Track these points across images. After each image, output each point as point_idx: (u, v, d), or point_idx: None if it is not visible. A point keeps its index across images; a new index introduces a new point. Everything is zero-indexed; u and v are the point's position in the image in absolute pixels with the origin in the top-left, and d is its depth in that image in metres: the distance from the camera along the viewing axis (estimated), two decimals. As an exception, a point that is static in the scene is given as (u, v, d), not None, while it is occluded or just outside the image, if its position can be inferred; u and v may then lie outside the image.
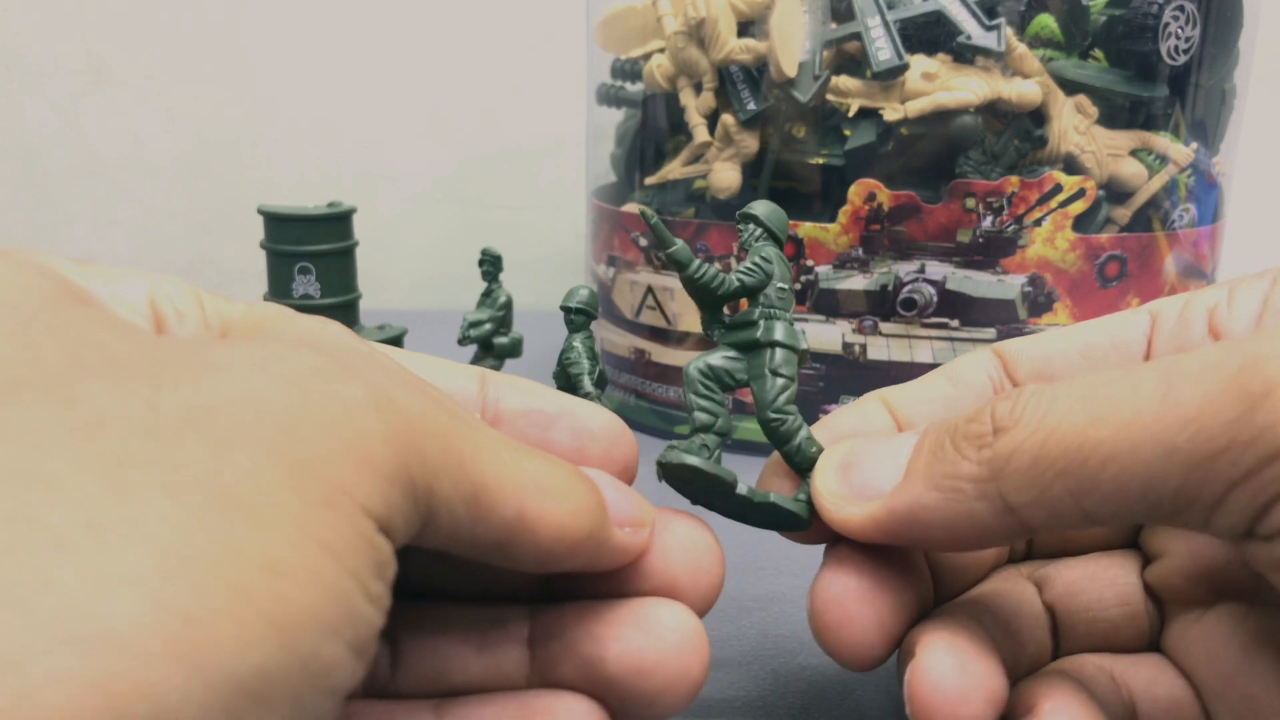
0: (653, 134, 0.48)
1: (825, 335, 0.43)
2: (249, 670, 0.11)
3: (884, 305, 0.42)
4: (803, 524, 0.23)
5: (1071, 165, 0.42)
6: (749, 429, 0.45)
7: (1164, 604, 0.24)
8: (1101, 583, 0.24)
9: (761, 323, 0.23)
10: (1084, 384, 0.18)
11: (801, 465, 0.23)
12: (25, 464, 0.11)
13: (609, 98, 0.53)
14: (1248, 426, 0.15)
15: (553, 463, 0.18)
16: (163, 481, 0.12)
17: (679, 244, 0.22)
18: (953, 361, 0.25)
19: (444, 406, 0.17)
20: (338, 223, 0.50)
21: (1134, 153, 0.44)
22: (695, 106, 0.45)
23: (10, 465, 0.11)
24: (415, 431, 0.15)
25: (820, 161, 0.43)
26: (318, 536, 0.13)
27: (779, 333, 0.23)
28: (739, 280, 0.23)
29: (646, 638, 0.19)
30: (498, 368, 0.45)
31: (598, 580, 0.21)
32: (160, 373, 0.13)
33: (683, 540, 0.21)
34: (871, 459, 0.21)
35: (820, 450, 0.23)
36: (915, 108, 0.41)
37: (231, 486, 0.12)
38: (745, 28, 0.44)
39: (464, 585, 0.22)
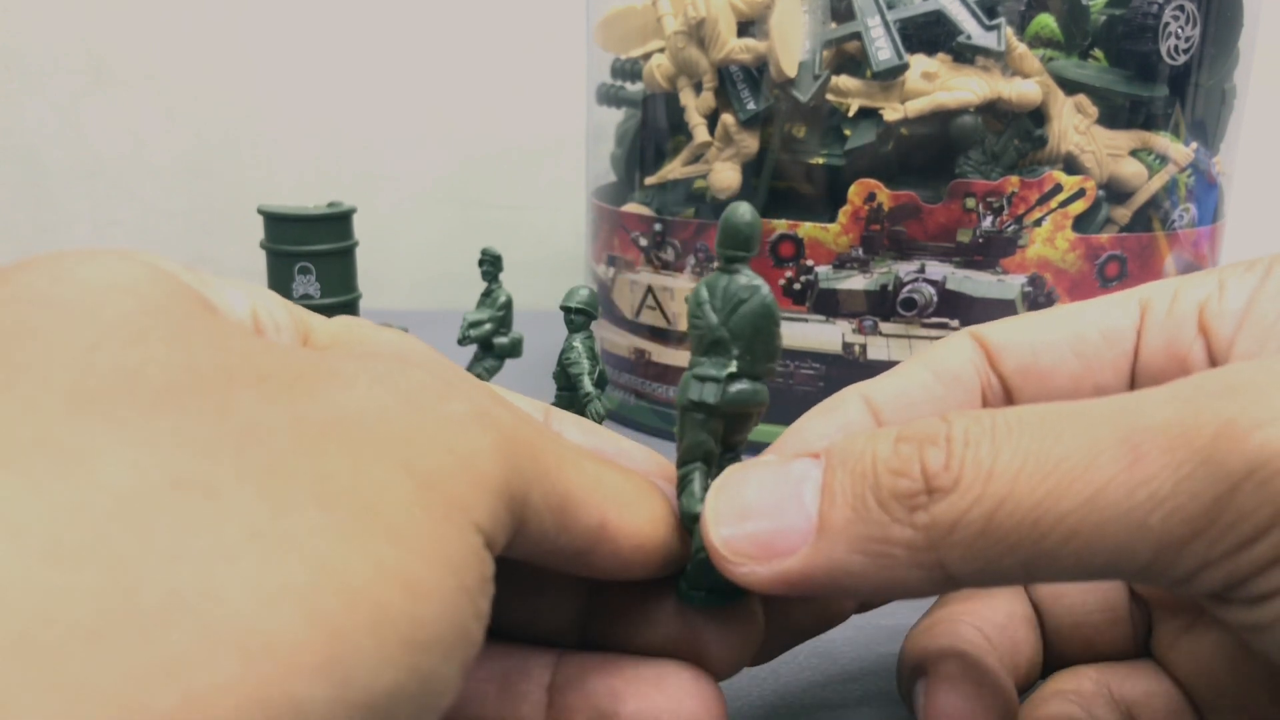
0: (653, 134, 0.48)
1: (825, 335, 0.43)
2: (383, 689, 0.11)
3: (884, 305, 0.42)
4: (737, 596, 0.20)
5: (1071, 165, 0.42)
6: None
7: (1151, 609, 0.24)
8: (1086, 588, 0.24)
9: None
10: (1030, 432, 0.16)
11: (687, 525, 0.20)
12: (189, 471, 0.12)
13: (609, 98, 0.53)
14: (1228, 509, 0.14)
15: (628, 474, 0.19)
16: (312, 492, 0.12)
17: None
18: (931, 350, 0.23)
19: (527, 420, 0.17)
20: (338, 223, 0.50)
21: (1134, 153, 0.44)
22: (695, 106, 0.45)
23: (177, 471, 0.12)
24: (512, 445, 0.15)
25: (820, 161, 0.43)
26: (444, 554, 0.13)
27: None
28: None
29: (665, 700, 0.19)
30: (498, 368, 0.45)
31: (630, 632, 0.21)
32: (297, 384, 0.14)
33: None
34: (772, 506, 0.18)
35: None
36: (915, 108, 0.41)
37: (372, 500, 0.13)
38: (745, 28, 0.44)
39: (501, 621, 0.21)
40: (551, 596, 0.21)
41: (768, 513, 0.18)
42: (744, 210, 0.19)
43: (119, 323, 0.14)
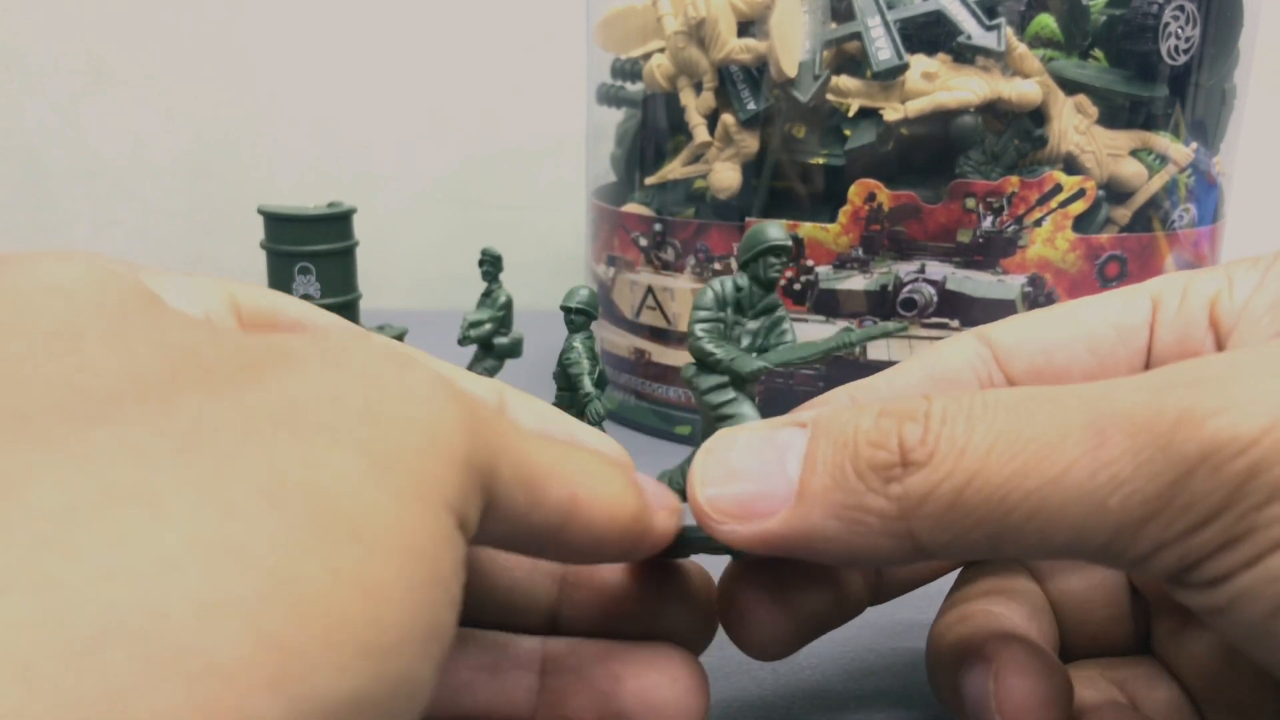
0: (653, 134, 0.48)
1: (825, 335, 0.43)
2: (342, 698, 0.11)
3: (884, 305, 0.42)
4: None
5: (1071, 165, 0.42)
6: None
7: (1150, 606, 0.24)
8: (1090, 582, 0.24)
9: None
10: (1004, 413, 0.16)
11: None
12: (128, 482, 0.11)
13: (609, 98, 0.53)
14: (1181, 493, 0.15)
15: (589, 450, 0.19)
16: (263, 490, 0.11)
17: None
18: (934, 350, 0.23)
19: (485, 405, 0.16)
20: (338, 223, 0.50)
21: (1134, 153, 0.44)
22: (695, 106, 0.45)
23: (114, 484, 0.11)
24: (476, 417, 0.15)
25: (820, 161, 0.43)
26: (410, 542, 0.12)
27: None
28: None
29: (661, 678, 0.20)
30: (498, 368, 0.44)
31: (602, 618, 0.22)
32: (246, 373, 0.13)
33: (693, 582, 0.22)
34: (756, 470, 0.18)
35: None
36: (915, 108, 0.41)
37: (329, 490, 0.12)
38: (745, 28, 0.44)
39: (478, 614, 0.22)
40: (524, 590, 0.22)
41: (752, 476, 0.18)
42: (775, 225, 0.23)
43: (51, 331, 0.13)
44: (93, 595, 0.10)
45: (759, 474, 0.18)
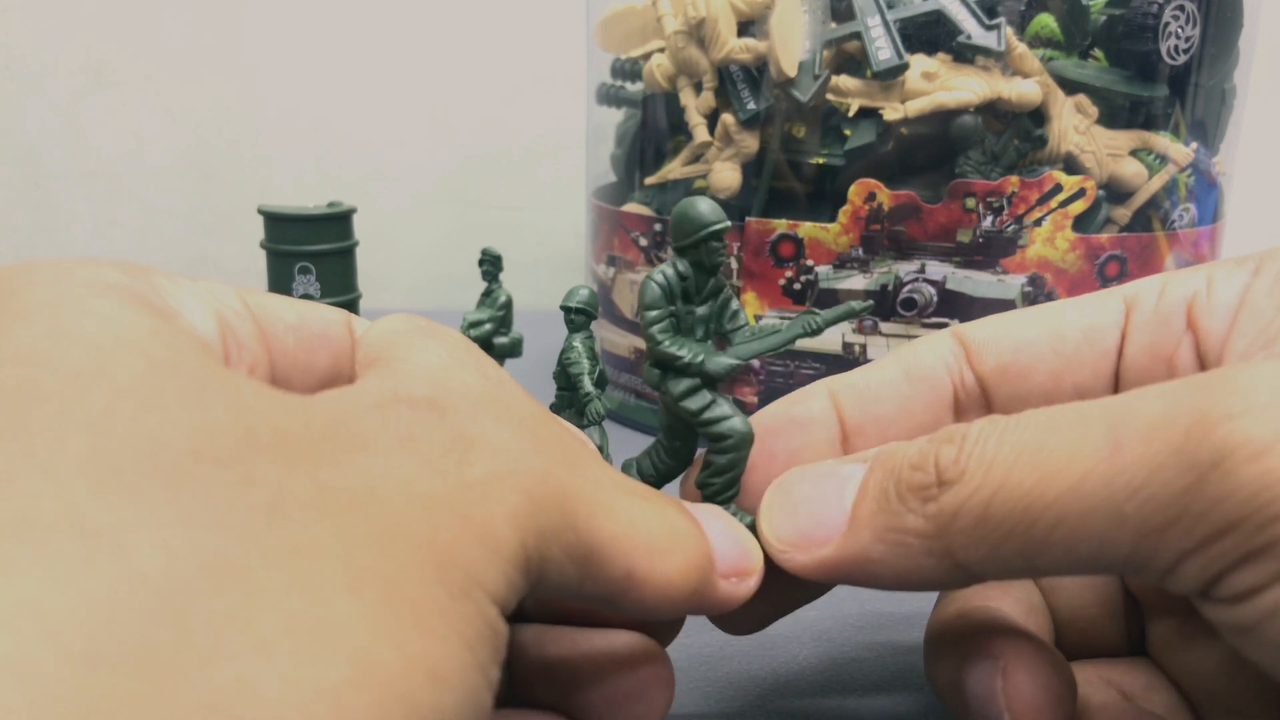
0: (653, 134, 0.48)
1: (825, 335, 0.43)
2: None
3: (884, 305, 0.42)
4: None
5: (1071, 165, 0.42)
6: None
7: (1145, 609, 0.24)
8: (1082, 581, 0.24)
9: None
10: (1030, 428, 0.17)
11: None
12: (219, 553, 0.11)
13: (609, 98, 0.53)
14: (1197, 499, 0.14)
15: (663, 514, 0.18)
16: (342, 575, 0.12)
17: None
18: (910, 347, 0.23)
19: (562, 459, 0.17)
20: (338, 223, 0.50)
21: (1134, 153, 0.44)
22: (695, 106, 0.45)
23: (210, 555, 0.11)
24: (534, 503, 0.15)
25: (820, 161, 0.43)
26: (462, 633, 0.13)
27: None
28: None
29: (619, 667, 0.21)
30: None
31: (574, 608, 0.22)
32: (320, 448, 0.14)
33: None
34: (817, 502, 0.20)
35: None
36: (915, 108, 0.41)
37: (398, 580, 0.13)
38: (745, 28, 0.44)
39: None
40: None
41: (813, 508, 0.19)
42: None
43: (132, 385, 0.13)
44: (196, 675, 0.10)
45: (819, 505, 0.19)
